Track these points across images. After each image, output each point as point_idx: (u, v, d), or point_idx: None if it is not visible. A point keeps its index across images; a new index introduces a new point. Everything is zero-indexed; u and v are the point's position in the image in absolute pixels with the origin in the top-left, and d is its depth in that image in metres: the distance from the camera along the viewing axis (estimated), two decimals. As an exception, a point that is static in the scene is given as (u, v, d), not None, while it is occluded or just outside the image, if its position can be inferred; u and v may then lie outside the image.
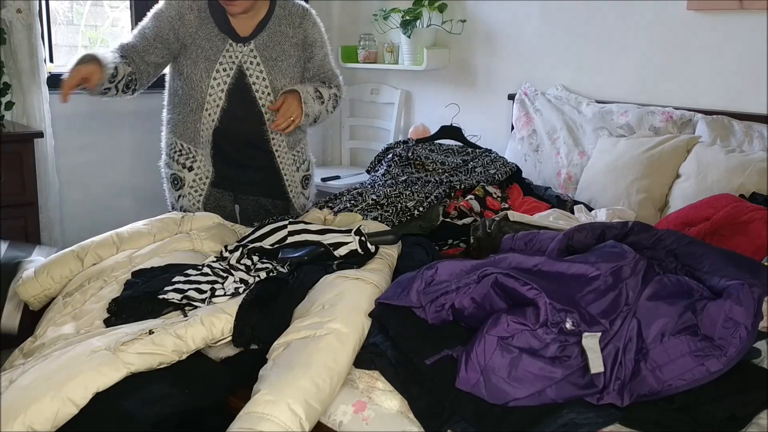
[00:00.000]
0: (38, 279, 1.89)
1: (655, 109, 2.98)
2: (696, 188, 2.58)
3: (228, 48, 2.34)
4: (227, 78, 2.33)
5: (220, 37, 2.34)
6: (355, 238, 1.82)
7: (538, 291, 1.44)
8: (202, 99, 2.34)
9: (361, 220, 2.16)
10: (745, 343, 1.41)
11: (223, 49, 2.34)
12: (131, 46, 2.32)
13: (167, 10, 2.35)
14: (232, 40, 2.35)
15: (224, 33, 2.35)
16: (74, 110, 3.43)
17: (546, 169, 3.20)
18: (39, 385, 1.38)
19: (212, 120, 2.36)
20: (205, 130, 2.38)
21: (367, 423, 1.39)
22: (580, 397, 1.37)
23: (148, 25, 2.35)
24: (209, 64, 2.33)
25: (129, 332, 1.53)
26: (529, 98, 3.38)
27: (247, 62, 2.35)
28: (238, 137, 2.42)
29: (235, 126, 2.39)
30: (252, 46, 2.35)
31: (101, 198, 3.57)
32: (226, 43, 2.34)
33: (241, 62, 2.34)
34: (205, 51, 2.33)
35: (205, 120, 2.36)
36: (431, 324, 1.55)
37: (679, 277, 1.60)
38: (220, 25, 2.35)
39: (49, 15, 3.37)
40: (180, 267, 1.81)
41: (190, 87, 2.36)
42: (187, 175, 2.45)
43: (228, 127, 2.38)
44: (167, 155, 2.50)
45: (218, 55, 2.33)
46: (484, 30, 3.62)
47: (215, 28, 2.35)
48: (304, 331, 1.51)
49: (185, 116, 2.39)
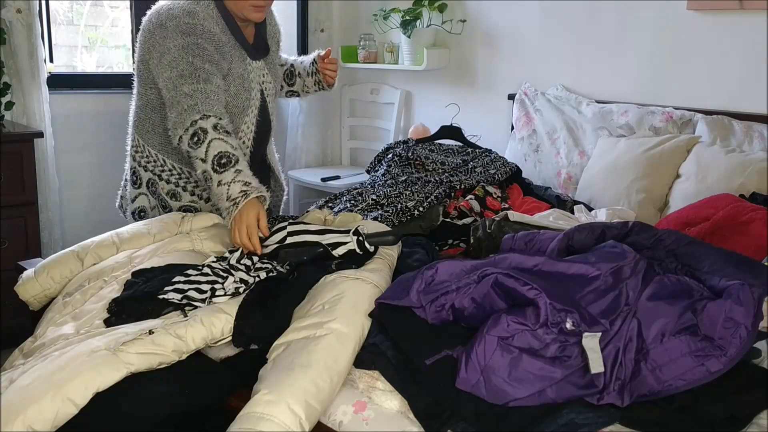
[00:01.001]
0: (38, 279, 1.89)
1: (655, 109, 2.98)
2: (696, 188, 2.58)
3: (248, 68, 2.14)
4: (257, 101, 2.18)
5: (241, 55, 2.12)
6: (353, 238, 1.82)
7: (538, 291, 1.44)
8: (237, 129, 2.11)
9: (361, 220, 2.16)
10: (745, 343, 1.41)
11: (248, 71, 2.14)
12: (223, 114, 1.98)
13: (205, 43, 2.00)
14: (249, 57, 2.15)
15: (243, 48, 2.13)
16: (74, 110, 3.45)
17: (546, 169, 3.20)
18: (39, 385, 1.38)
19: (246, 147, 2.16)
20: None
21: (367, 423, 1.39)
22: (580, 397, 1.37)
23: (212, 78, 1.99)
24: (246, 93, 2.10)
25: (129, 332, 1.53)
26: (529, 98, 3.38)
27: (263, 81, 2.20)
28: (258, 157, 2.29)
29: (258, 147, 2.25)
30: (262, 62, 2.20)
31: (101, 198, 3.56)
32: (245, 61, 2.13)
33: (260, 81, 2.19)
34: (240, 77, 2.09)
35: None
36: (431, 324, 1.55)
37: (679, 277, 1.60)
38: (239, 40, 2.11)
39: (49, 15, 3.38)
40: (180, 267, 1.81)
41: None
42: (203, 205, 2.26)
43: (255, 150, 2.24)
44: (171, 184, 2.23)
45: (249, 82, 2.12)
46: (484, 30, 3.62)
47: (236, 44, 2.10)
48: (304, 331, 1.51)
49: None
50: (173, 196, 2.24)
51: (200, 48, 1.99)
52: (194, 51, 1.99)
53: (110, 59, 4.00)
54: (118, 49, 3.94)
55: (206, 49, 2.00)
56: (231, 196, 1.84)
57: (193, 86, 1.95)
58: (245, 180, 1.86)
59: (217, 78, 2.00)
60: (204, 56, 2.00)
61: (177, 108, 1.95)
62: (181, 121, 1.94)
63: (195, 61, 1.98)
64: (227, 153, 1.88)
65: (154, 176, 2.25)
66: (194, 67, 1.97)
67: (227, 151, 1.88)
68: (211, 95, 1.96)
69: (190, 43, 1.99)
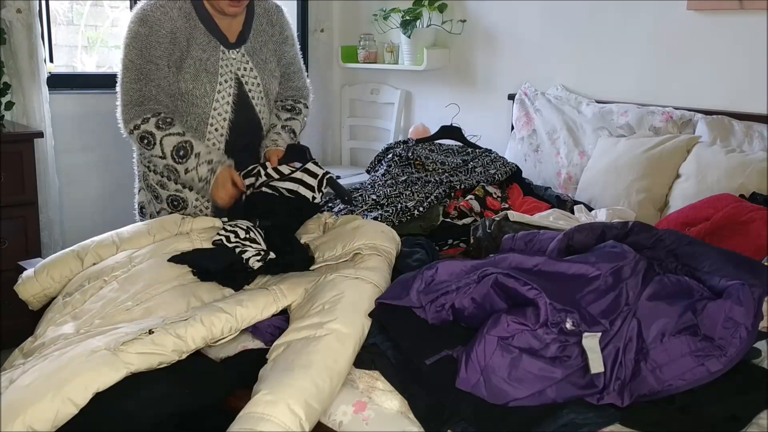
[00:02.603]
0: (38, 279, 1.89)
1: (655, 109, 2.98)
2: (696, 188, 2.58)
3: (222, 56, 2.23)
4: (230, 89, 2.24)
5: (212, 44, 2.21)
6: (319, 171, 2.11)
7: (538, 291, 1.44)
8: (205, 115, 2.22)
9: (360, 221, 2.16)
10: (745, 343, 1.41)
11: (219, 58, 2.22)
12: (164, 105, 2.15)
13: (156, 36, 2.12)
14: (224, 46, 2.24)
15: (216, 38, 2.22)
16: (74, 110, 3.44)
17: (546, 169, 3.20)
18: (39, 385, 1.38)
19: (220, 135, 2.25)
20: (211, 146, 2.24)
21: (367, 423, 1.39)
22: (580, 397, 1.37)
23: (152, 74, 2.13)
24: (211, 77, 2.20)
25: (129, 332, 1.53)
26: (529, 98, 3.38)
27: (241, 69, 2.26)
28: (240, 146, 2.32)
29: (238, 137, 2.30)
30: (243, 51, 2.27)
31: (101, 198, 3.57)
32: (218, 50, 2.22)
33: (237, 70, 2.25)
34: (203, 63, 2.19)
35: (211, 135, 2.24)
36: (431, 324, 1.55)
37: (679, 277, 1.60)
38: (211, 30, 2.21)
39: (49, 15, 3.38)
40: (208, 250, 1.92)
41: (189, 103, 2.21)
42: (189, 194, 2.29)
43: (234, 139, 2.28)
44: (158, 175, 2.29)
45: (216, 66, 2.21)
46: (484, 30, 3.62)
47: (207, 33, 2.21)
48: (304, 331, 1.51)
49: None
50: (161, 186, 2.30)
51: (145, 38, 2.12)
52: (140, 42, 2.12)
53: (110, 59, 4.00)
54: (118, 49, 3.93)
55: (152, 37, 2.12)
56: (201, 177, 2.10)
57: (133, 86, 2.13)
58: (208, 159, 2.11)
59: (162, 68, 2.14)
60: (149, 46, 2.12)
61: (120, 103, 2.16)
62: (124, 120, 2.15)
63: (141, 53, 2.12)
64: (181, 144, 2.10)
65: (145, 168, 2.33)
66: (134, 64, 2.13)
67: (179, 142, 2.10)
68: (149, 97, 2.13)
69: (139, 32, 2.13)
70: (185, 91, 2.20)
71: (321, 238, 2.06)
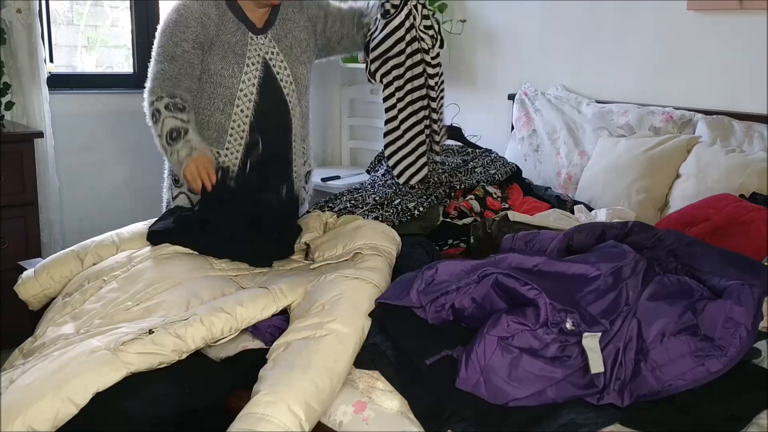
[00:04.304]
0: (38, 279, 1.89)
1: (655, 109, 2.98)
2: (696, 188, 2.58)
3: (250, 41, 2.31)
4: (256, 72, 2.31)
5: (241, 30, 2.31)
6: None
7: (538, 291, 1.44)
8: (232, 96, 2.29)
9: (361, 221, 2.16)
10: (745, 343, 1.41)
11: (247, 42, 2.31)
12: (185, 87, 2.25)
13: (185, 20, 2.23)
14: (252, 32, 2.32)
15: (245, 25, 2.32)
16: (74, 110, 3.44)
17: (546, 169, 3.20)
18: (39, 385, 1.38)
19: (246, 116, 2.32)
20: (236, 126, 2.33)
21: (367, 423, 1.39)
22: (580, 397, 1.37)
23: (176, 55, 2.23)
24: (239, 59, 2.29)
25: (129, 332, 1.53)
26: (529, 98, 3.38)
27: (269, 53, 2.33)
28: (269, 129, 2.38)
29: (265, 119, 2.36)
30: (270, 37, 2.34)
31: (101, 198, 3.56)
32: (247, 36, 2.31)
33: (265, 54, 2.33)
34: (232, 46, 2.29)
35: (236, 116, 2.31)
36: (431, 324, 1.55)
37: (679, 277, 1.60)
38: (240, 17, 2.31)
39: (49, 15, 3.37)
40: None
41: (217, 84, 2.28)
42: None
43: (261, 120, 2.34)
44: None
45: (245, 49, 2.30)
46: (484, 30, 3.62)
47: (235, 20, 2.31)
48: (304, 331, 1.51)
49: (209, 116, 2.32)
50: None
51: (174, 23, 2.23)
52: (170, 27, 2.23)
53: (110, 59, 3.99)
54: (118, 49, 3.94)
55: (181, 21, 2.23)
56: (180, 159, 2.14)
57: (158, 66, 2.24)
58: (192, 146, 2.15)
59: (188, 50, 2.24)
60: (177, 30, 2.22)
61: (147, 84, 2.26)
62: (146, 97, 2.25)
63: (169, 36, 2.23)
64: (177, 128, 2.16)
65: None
66: (161, 47, 2.24)
67: (177, 126, 2.17)
68: (170, 76, 2.22)
69: (170, 19, 2.25)
70: (213, 72, 2.28)
71: (321, 238, 2.07)
